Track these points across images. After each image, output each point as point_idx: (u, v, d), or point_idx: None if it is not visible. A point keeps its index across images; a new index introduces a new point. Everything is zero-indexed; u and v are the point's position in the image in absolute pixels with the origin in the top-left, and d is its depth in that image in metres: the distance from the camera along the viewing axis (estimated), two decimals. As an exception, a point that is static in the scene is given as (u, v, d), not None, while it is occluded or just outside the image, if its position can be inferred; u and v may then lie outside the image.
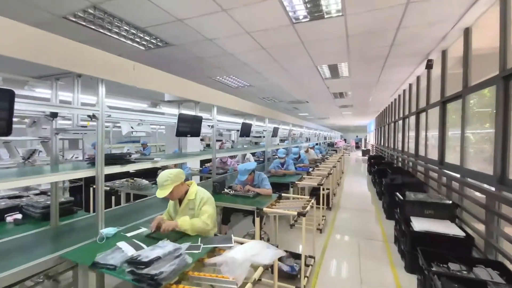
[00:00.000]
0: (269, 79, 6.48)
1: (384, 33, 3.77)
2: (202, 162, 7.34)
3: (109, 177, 4.53)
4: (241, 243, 1.94)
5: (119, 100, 3.32)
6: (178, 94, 3.01)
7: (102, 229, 2.09)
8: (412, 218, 3.33)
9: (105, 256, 1.72)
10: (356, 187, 8.55)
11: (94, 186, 4.30)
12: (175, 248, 1.71)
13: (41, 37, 1.62)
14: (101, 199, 2.09)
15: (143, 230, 2.24)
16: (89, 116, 2.04)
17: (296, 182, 4.44)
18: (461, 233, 2.95)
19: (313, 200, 3.24)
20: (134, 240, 1.97)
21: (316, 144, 12.96)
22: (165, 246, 1.73)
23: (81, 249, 1.91)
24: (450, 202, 3.45)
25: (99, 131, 2.06)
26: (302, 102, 10.30)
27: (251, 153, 8.80)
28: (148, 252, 1.65)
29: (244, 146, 7.33)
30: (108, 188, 3.97)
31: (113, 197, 3.94)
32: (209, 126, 3.63)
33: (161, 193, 2.17)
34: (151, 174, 4.89)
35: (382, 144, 13.54)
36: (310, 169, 6.07)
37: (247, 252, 1.71)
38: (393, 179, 5.41)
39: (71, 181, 5.58)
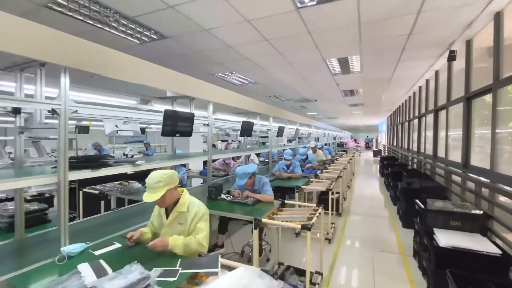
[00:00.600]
0: (274, 75, 6.09)
1: (402, 18, 3.32)
2: (206, 164, 7.05)
3: (103, 180, 4.27)
4: (229, 268, 1.58)
5: (105, 96, 3.00)
6: (165, 87, 2.66)
7: (64, 246, 1.75)
8: (436, 231, 2.88)
9: (57, 284, 1.37)
10: (368, 190, 8.05)
11: (84, 189, 4.07)
12: (142, 277, 1.35)
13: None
14: (63, 210, 1.75)
15: (117, 246, 1.89)
16: (49, 111, 1.71)
17: (302, 187, 4.04)
18: (496, 250, 2.49)
19: (320, 209, 2.83)
20: (101, 261, 1.63)
21: (326, 144, 12.49)
22: (130, 274, 1.37)
23: (35, 271, 1.57)
24: (481, 212, 2.98)
25: (61, 129, 1.72)
26: (310, 100, 9.85)
27: (256, 154, 8.44)
28: (106, 284, 1.30)
29: (248, 146, 6.96)
30: (97, 192, 3.66)
31: (102, 202, 3.63)
32: (204, 124, 3.27)
33: (150, 197, 1.82)
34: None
35: (395, 144, 12.93)
36: (319, 171, 5.65)
37: (234, 285, 1.34)
38: (410, 183, 4.93)
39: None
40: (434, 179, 5.33)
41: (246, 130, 4.03)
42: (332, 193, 4.20)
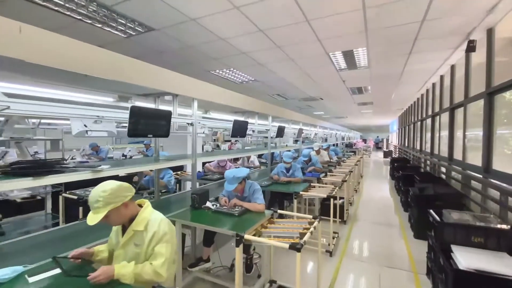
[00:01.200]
0: (275, 72, 5.71)
1: (414, 1, 2.89)
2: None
3: (86, 183, 4.00)
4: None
5: (75, 93, 2.71)
6: (142, 82, 2.34)
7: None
8: (454, 248, 2.44)
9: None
10: (377, 194, 7.56)
11: (64, 194, 3.80)
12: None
13: None
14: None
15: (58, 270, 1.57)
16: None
17: (301, 193, 3.64)
18: (529, 276, 2.05)
19: (316, 223, 2.45)
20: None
21: (333, 145, 12.00)
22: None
23: None
24: (508, 227, 2.53)
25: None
26: (315, 99, 9.41)
27: (258, 155, 8.08)
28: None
29: (248, 148, 6.60)
30: (76, 197, 3.38)
31: (80, 208, 3.34)
32: (188, 124, 2.93)
33: (92, 219, 1.48)
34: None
35: (406, 145, 12.31)
36: (322, 175, 5.24)
37: None
38: (423, 188, 4.46)
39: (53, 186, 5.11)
40: (450, 184, 4.83)
41: (239, 130, 3.67)
42: (335, 199, 3.80)
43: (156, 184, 3.22)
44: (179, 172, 5.85)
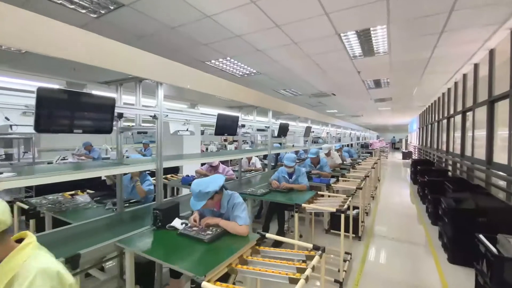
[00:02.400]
0: (278, 60, 4.96)
1: None
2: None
3: (51, 187, 3.42)
4: None
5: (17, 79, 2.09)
6: (85, 60, 1.69)
7: None
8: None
9: None
10: (397, 201, 6.64)
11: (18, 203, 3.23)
12: None
13: None
14: None
15: None
16: None
17: (303, 205, 2.89)
18: None
19: (317, 257, 1.70)
20: None
21: (347, 145, 11.09)
22: None
23: None
24: None
25: None
26: (327, 95, 8.57)
27: (263, 156, 7.36)
28: None
29: (246, 147, 5.88)
30: (27, 207, 2.78)
31: (31, 221, 2.74)
32: (151, 117, 2.26)
33: None
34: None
35: (429, 145, 11.21)
36: (333, 181, 4.45)
37: None
38: (459, 199, 3.60)
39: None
40: (493, 194, 3.92)
41: (226, 126, 2.96)
42: (349, 209, 3.03)
43: (120, 192, 2.57)
44: (169, 176, 5.23)
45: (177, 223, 2.13)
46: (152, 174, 3.46)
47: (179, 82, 2.43)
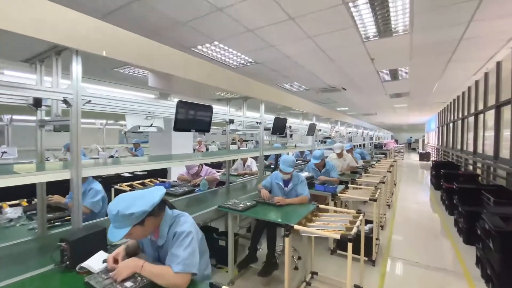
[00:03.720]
0: (274, 45, 4.20)
1: None
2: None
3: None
4: None
5: None
6: None
7: None
8: None
9: None
10: (417, 210, 5.73)
11: None
12: None
13: None
14: None
15: None
16: None
17: (296, 227, 2.10)
18: None
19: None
20: None
21: (359, 146, 10.16)
22: None
23: None
24: None
25: None
26: (336, 89, 7.71)
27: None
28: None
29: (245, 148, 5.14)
30: None
31: None
32: (63, 101, 1.54)
33: None
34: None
35: (451, 146, 10.13)
36: (341, 188, 3.65)
37: None
38: (507, 217, 2.73)
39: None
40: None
41: (188, 120, 2.20)
42: (359, 232, 2.23)
43: (41, 206, 1.88)
44: (153, 179, 4.57)
45: (94, 262, 1.40)
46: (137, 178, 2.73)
47: (130, 58, 1.72)
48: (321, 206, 2.75)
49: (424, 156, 16.48)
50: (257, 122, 3.38)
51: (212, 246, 2.83)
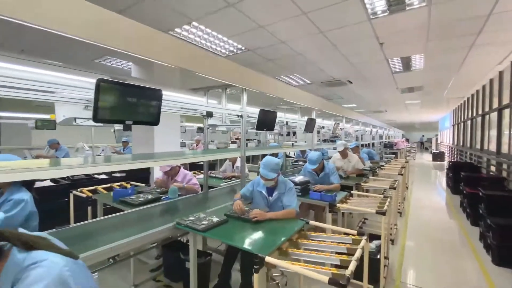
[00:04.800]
0: (264, 26, 3.56)
1: None
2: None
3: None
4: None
5: None
6: None
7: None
8: None
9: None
10: (433, 220, 5.00)
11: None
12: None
13: None
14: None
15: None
16: None
17: (269, 261, 1.47)
18: None
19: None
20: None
21: (367, 145, 9.41)
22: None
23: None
24: None
25: None
26: (342, 83, 7.00)
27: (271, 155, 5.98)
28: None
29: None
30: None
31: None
32: None
33: None
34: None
35: (469, 145, 9.26)
36: (342, 196, 3.00)
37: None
38: None
39: None
40: None
41: (117, 108, 1.56)
42: (362, 261, 1.59)
43: None
44: (124, 183, 3.99)
45: None
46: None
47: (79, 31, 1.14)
48: (313, 223, 2.11)
49: (437, 156, 15.51)
50: (238, 116, 2.76)
51: (179, 268, 2.25)
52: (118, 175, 4.89)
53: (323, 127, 6.19)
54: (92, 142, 7.79)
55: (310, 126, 4.27)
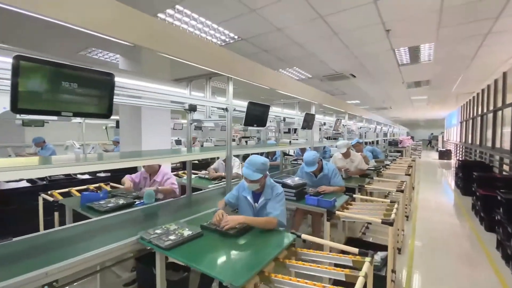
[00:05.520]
0: (260, 13, 3.19)
1: None
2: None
3: None
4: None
5: None
6: None
7: None
8: None
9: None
10: (443, 224, 4.60)
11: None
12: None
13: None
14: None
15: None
16: None
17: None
18: None
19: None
20: None
21: (371, 143, 8.98)
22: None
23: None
24: None
25: None
26: (344, 76, 6.60)
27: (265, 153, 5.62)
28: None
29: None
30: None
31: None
32: None
33: None
34: None
35: (478, 143, 8.79)
36: (343, 201, 2.63)
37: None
38: None
39: None
40: None
41: (44, 94, 1.21)
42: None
43: None
44: (103, 184, 3.66)
45: None
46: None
47: None
48: (306, 237, 1.74)
49: (444, 154, 15.01)
50: (223, 109, 2.40)
51: (153, 284, 1.88)
52: (103, 175, 4.58)
53: (325, 124, 5.80)
54: (83, 139, 7.51)
55: (308, 122, 3.89)
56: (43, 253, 1.51)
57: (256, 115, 2.64)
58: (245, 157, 3.26)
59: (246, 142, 11.34)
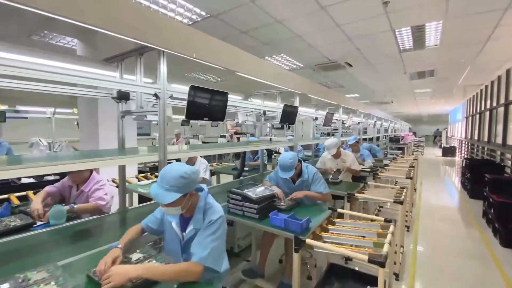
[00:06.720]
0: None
1: None
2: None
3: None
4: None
5: None
6: None
7: None
8: None
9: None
10: (451, 238, 3.94)
11: None
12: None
13: None
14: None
15: None
16: None
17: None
18: None
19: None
20: None
21: (369, 139, 8.29)
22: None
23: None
24: None
25: None
26: (340, 66, 5.89)
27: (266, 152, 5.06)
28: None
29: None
30: None
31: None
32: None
33: None
34: None
35: (486, 140, 8.07)
36: (324, 216, 1.98)
37: None
38: None
39: None
40: None
41: None
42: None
43: None
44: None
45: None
46: None
47: None
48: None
49: (448, 151, 14.28)
50: (153, 95, 1.73)
51: None
52: (52, 178, 3.95)
53: (316, 119, 5.11)
54: (53, 136, 6.86)
55: (288, 116, 3.21)
56: None
57: (206, 106, 1.97)
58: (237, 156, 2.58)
59: (238, 139, 10.65)
